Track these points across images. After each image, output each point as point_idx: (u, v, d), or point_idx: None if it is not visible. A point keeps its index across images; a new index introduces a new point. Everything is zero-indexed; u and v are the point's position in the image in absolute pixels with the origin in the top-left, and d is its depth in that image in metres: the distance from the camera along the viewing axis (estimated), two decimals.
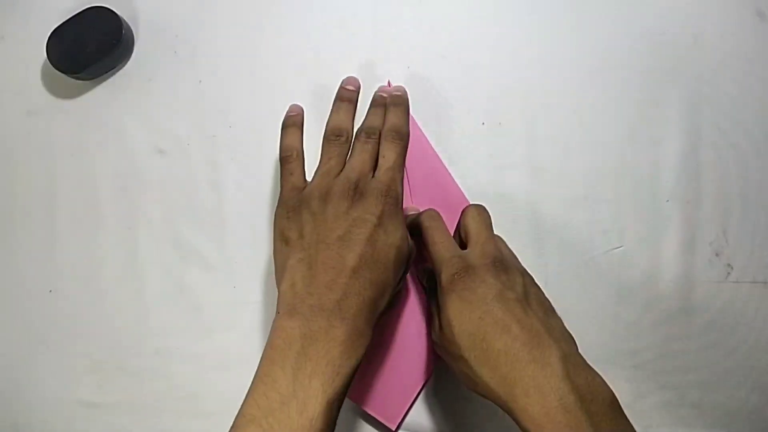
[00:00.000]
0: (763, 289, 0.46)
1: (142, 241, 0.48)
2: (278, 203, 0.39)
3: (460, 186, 0.47)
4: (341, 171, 0.39)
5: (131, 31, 0.50)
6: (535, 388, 0.32)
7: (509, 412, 0.33)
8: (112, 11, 0.48)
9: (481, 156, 0.47)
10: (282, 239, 0.38)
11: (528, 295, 0.37)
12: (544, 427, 0.31)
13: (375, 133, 0.40)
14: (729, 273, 0.46)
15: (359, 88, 0.44)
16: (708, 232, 0.46)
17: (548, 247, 0.46)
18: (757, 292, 0.46)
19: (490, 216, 0.41)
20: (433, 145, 0.47)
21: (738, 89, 0.47)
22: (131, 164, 0.49)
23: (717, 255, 0.46)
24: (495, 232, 0.41)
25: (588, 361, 0.35)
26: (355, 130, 0.41)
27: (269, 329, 0.46)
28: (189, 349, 0.47)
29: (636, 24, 0.48)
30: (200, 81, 0.49)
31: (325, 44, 0.49)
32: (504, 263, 0.38)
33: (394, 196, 0.37)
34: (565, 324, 0.38)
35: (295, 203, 0.38)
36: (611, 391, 0.33)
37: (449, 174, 0.46)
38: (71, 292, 0.48)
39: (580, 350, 0.36)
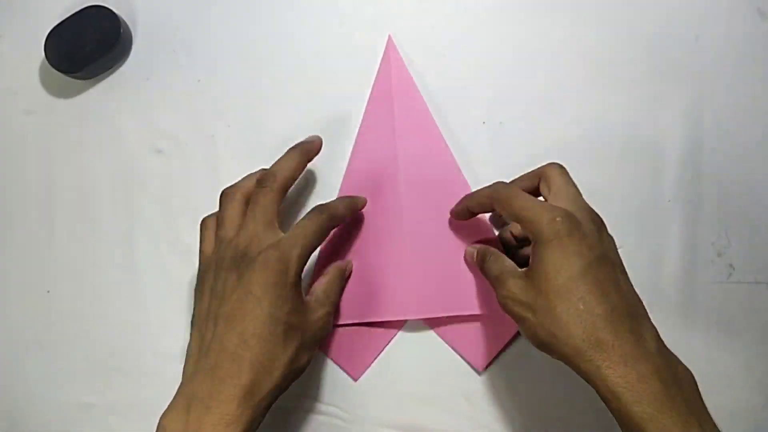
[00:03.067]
0: (765, 289, 0.46)
1: (140, 240, 0.48)
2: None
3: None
4: (236, 234, 0.37)
5: (129, 30, 0.50)
6: (632, 358, 0.31)
7: (594, 375, 0.32)
8: (110, 10, 0.48)
9: (481, 156, 0.47)
10: (193, 315, 0.38)
11: (619, 259, 0.36)
12: (642, 394, 0.31)
13: (272, 180, 0.38)
14: (731, 273, 0.46)
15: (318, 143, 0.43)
16: (710, 232, 0.46)
17: None
18: (759, 292, 0.46)
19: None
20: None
21: (739, 89, 0.47)
22: (129, 164, 0.49)
23: (719, 255, 0.46)
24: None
25: None
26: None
27: None
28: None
29: (637, 24, 0.48)
30: (199, 80, 0.49)
31: (325, 43, 0.49)
32: (601, 221, 0.37)
33: (284, 263, 0.35)
34: None
35: (201, 275, 0.39)
36: (692, 374, 0.34)
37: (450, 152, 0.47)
38: (69, 292, 0.48)
39: None
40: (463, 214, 0.42)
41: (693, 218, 0.46)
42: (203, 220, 0.41)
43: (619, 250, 0.45)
